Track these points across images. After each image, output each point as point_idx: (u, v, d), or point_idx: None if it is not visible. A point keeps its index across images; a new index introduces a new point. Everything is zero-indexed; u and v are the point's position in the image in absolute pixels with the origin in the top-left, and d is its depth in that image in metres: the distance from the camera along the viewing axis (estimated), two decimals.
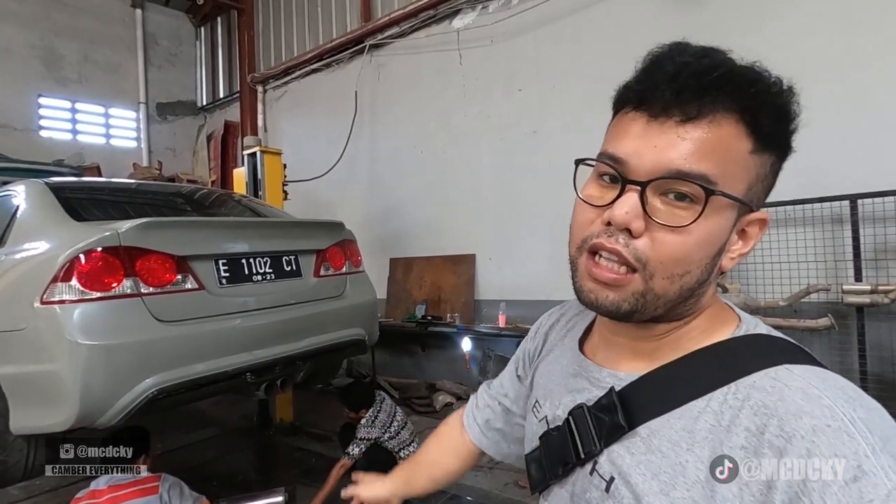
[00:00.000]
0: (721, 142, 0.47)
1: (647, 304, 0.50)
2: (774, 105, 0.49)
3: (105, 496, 2.08)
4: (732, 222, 0.50)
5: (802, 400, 0.43)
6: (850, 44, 3.08)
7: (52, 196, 2.42)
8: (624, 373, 0.56)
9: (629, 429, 0.52)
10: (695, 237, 0.48)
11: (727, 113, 0.47)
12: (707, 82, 0.47)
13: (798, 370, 0.46)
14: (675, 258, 0.49)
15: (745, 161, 0.48)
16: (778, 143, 0.50)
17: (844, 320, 2.92)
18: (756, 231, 0.53)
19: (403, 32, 5.29)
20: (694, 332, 0.54)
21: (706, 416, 0.47)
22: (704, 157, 0.47)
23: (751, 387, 0.46)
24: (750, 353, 0.50)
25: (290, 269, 2.70)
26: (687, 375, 0.51)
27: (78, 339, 1.90)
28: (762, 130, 0.48)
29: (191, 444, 3.95)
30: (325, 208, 5.76)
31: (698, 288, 0.51)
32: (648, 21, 3.76)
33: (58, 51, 6.98)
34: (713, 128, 0.47)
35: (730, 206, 0.49)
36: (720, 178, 0.47)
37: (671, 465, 0.48)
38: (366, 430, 2.91)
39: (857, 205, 2.89)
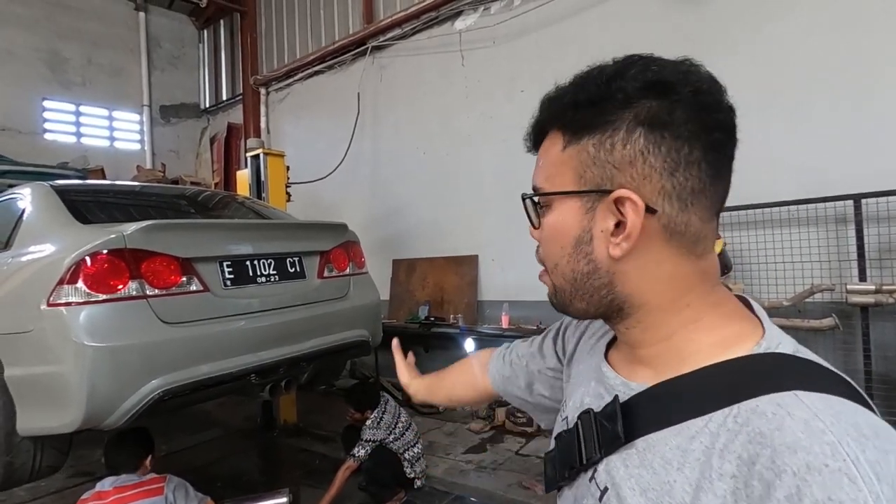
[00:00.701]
0: (544, 155, 0.58)
1: (559, 296, 0.58)
2: (575, 101, 0.54)
3: (110, 497, 2.09)
4: (580, 210, 0.53)
5: (802, 433, 0.39)
6: (852, 42, 3.07)
7: (57, 199, 2.43)
8: (636, 383, 0.55)
9: (626, 440, 0.51)
10: (546, 233, 0.57)
11: (553, 130, 0.57)
12: (542, 115, 0.59)
13: (809, 398, 0.42)
14: (545, 254, 0.59)
15: (559, 159, 0.55)
16: (585, 125, 0.53)
17: (849, 320, 2.91)
18: (630, 211, 0.50)
19: (406, 34, 5.30)
20: (699, 345, 0.51)
21: (702, 437, 0.45)
22: (538, 173, 0.59)
23: (752, 411, 0.43)
24: (762, 373, 0.47)
25: (294, 270, 2.71)
26: (692, 391, 0.49)
27: (84, 340, 1.92)
28: (568, 125, 0.55)
29: (195, 445, 3.97)
30: (328, 210, 5.77)
31: (587, 279, 0.54)
32: (651, 21, 3.76)
33: (61, 54, 7.01)
34: (544, 147, 0.59)
35: (567, 199, 0.54)
36: (546, 183, 0.57)
37: (659, 483, 0.46)
38: (371, 432, 2.91)
39: (861, 204, 2.88)
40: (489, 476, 3.15)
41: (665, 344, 0.53)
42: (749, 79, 3.33)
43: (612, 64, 0.53)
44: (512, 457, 3.40)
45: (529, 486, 2.96)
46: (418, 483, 3.02)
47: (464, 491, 3.04)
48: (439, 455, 3.46)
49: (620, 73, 0.51)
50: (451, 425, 4.02)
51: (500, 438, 3.73)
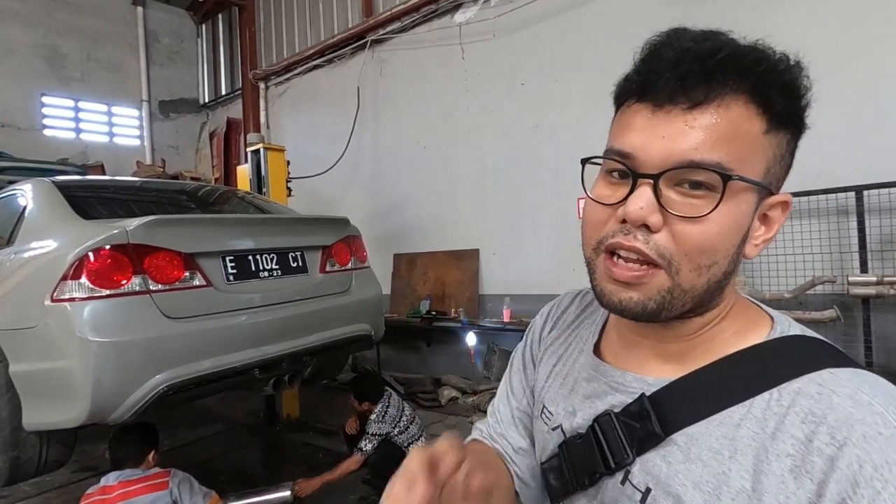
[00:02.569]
0: (732, 125, 0.45)
1: (674, 300, 0.48)
2: (783, 82, 0.46)
3: (116, 492, 2.11)
4: (754, 207, 0.48)
5: (853, 407, 0.42)
6: (856, 34, 3.06)
7: (59, 194, 2.43)
8: (653, 378, 0.53)
9: (665, 436, 0.49)
10: (717, 226, 0.46)
11: (735, 95, 0.45)
12: (711, 65, 0.45)
13: (844, 374, 0.45)
14: (701, 249, 0.46)
15: (759, 143, 0.47)
16: (791, 120, 0.48)
17: (850, 312, 2.91)
18: (779, 214, 0.51)
19: (405, 27, 5.27)
20: (726, 335, 0.52)
21: (748, 423, 0.46)
22: (717, 144, 0.45)
23: (796, 393, 0.45)
24: (790, 356, 0.48)
25: (297, 265, 2.71)
26: (724, 380, 0.49)
27: (88, 336, 1.92)
28: (774, 109, 0.46)
29: (198, 440, 3.98)
30: (328, 204, 5.77)
31: (724, 279, 0.49)
32: (651, 13, 3.74)
33: (60, 49, 6.99)
34: (722, 111, 0.45)
35: (749, 190, 0.47)
36: (735, 164, 0.45)
37: (714, 475, 0.46)
38: (377, 426, 2.93)
39: (862, 196, 2.88)
40: None
41: (701, 335, 0.52)
42: None
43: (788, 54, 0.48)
44: None
45: None
46: None
47: None
48: None
49: (799, 65, 0.47)
50: (454, 418, 4.03)
51: None
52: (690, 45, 0.46)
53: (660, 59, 0.47)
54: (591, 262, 0.53)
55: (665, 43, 0.48)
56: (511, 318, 4.28)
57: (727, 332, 0.52)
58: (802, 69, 0.48)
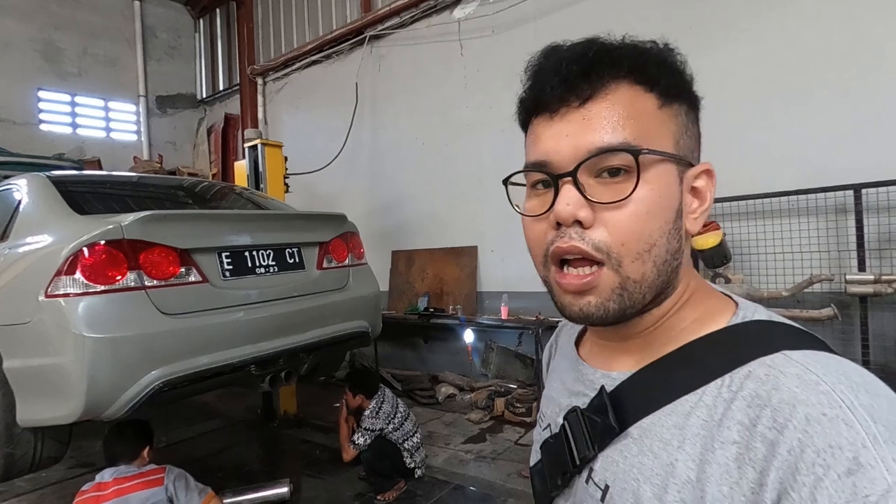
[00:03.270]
0: (627, 107, 0.47)
1: (631, 295, 0.48)
2: (658, 60, 0.49)
3: (111, 488, 2.10)
4: (677, 180, 0.49)
5: (798, 387, 0.40)
6: (853, 31, 3.05)
7: (54, 189, 2.42)
8: (616, 372, 0.53)
9: (620, 430, 0.49)
10: (644, 205, 0.46)
11: (618, 81, 0.47)
12: (587, 62, 0.47)
13: (797, 356, 0.43)
14: (635, 234, 0.46)
15: (658, 117, 0.48)
16: (679, 91, 0.50)
17: (848, 310, 2.91)
18: (706, 183, 0.51)
19: (404, 23, 5.25)
20: (685, 323, 0.51)
21: (699, 412, 0.44)
22: (619, 126, 0.46)
23: (745, 377, 0.43)
24: (746, 341, 0.47)
25: (293, 261, 2.70)
26: (679, 369, 0.48)
27: (83, 332, 1.91)
28: (659, 84, 0.48)
29: (195, 436, 3.98)
30: (326, 201, 5.75)
31: (673, 259, 0.49)
32: (653, 11, 3.72)
33: (57, 44, 6.94)
34: (613, 98, 0.47)
35: (665, 162, 0.47)
36: (642, 140, 0.46)
37: (662, 466, 0.45)
38: (370, 421, 2.93)
39: (861, 194, 2.88)
40: (488, 466, 3.16)
41: (661, 324, 0.52)
42: (750, 68, 3.31)
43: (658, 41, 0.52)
44: (511, 446, 3.42)
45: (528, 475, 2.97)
46: (418, 473, 3.04)
47: (463, 480, 3.06)
48: (439, 445, 3.47)
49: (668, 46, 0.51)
50: (451, 415, 4.04)
51: (500, 428, 3.74)
52: (565, 54, 0.49)
53: (542, 72, 0.50)
54: (546, 281, 0.53)
55: (542, 60, 0.51)
56: (509, 315, 4.28)
57: (686, 320, 0.51)
58: (673, 49, 0.51)
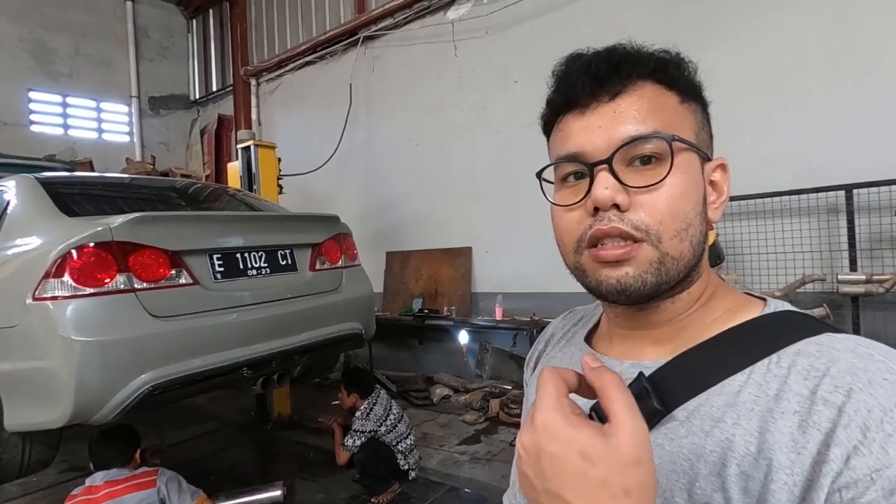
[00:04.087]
0: (653, 101, 0.51)
1: (668, 270, 0.49)
2: (675, 62, 0.53)
3: (102, 492, 2.09)
4: (700, 170, 0.52)
5: (854, 358, 0.43)
6: (847, 33, 3.07)
7: (42, 191, 2.39)
8: (649, 361, 0.53)
9: (667, 412, 0.49)
10: (678, 188, 0.49)
11: (643, 80, 0.51)
12: (614, 62, 0.51)
13: (841, 336, 0.46)
14: (672, 214, 0.49)
15: (680, 111, 0.52)
16: (695, 93, 0.54)
17: (840, 310, 2.93)
18: (722, 177, 0.55)
19: (398, 24, 5.24)
20: (717, 313, 0.53)
21: (749, 388, 0.46)
22: (648, 117, 0.50)
23: (796, 354, 0.46)
24: (787, 326, 0.49)
25: (286, 263, 2.69)
26: (722, 353, 0.49)
27: (71, 335, 1.89)
28: (678, 84, 0.52)
29: (188, 438, 3.95)
30: (320, 202, 5.74)
31: (703, 242, 0.52)
32: (647, 11, 3.73)
33: (48, 44, 6.88)
34: (640, 93, 0.51)
35: (690, 152, 0.51)
36: (671, 129, 0.50)
37: (717, 443, 0.45)
38: (360, 423, 2.93)
39: (852, 195, 2.89)
40: (483, 467, 3.16)
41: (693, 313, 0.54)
42: (744, 69, 3.32)
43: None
44: (506, 448, 3.41)
45: None
46: (412, 474, 3.03)
47: (458, 482, 3.05)
48: (433, 447, 3.46)
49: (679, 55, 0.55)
50: (445, 417, 4.02)
51: (494, 429, 3.74)
52: (590, 56, 0.53)
53: (570, 73, 0.53)
54: (577, 267, 0.53)
55: (568, 64, 0.55)
56: (504, 317, 4.28)
57: (718, 310, 0.54)
58: (684, 58, 0.55)
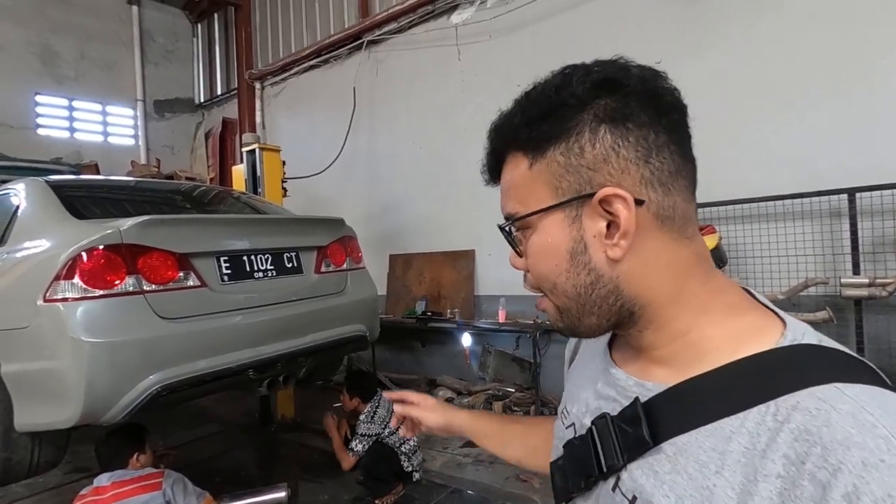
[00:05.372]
0: (508, 178, 0.56)
1: (569, 316, 0.55)
2: (526, 120, 0.53)
3: (109, 492, 2.10)
4: (566, 223, 0.52)
5: (853, 427, 0.38)
6: (846, 36, 3.08)
7: (52, 194, 2.42)
8: (652, 383, 0.52)
9: (654, 444, 0.48)
10: (532, 255, 0.56)
11: (509, 153, 0.56)
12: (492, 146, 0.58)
13: (851, 390, 0.41)
14: (537, 276, 0.56)
15: (529, 177, 0.54)
16: (546, 137, 0.52)
17: (842, 313, 2.93)
18: (620, 207, 0.49)
19: (401, 28, 5.27)
20: (715, 342, 0.50)
21: (740, 437, 0.43)
22: (508, 198, 0.57)
23: (793, 407, 0.41)
24: (795, 367, 0.45)
25: (292, 265, 2.71)
26: (720, 389, 0.47)
27: (81, 336, 1.91)
28: (529, 142, 0.53)
29: (193, 440, 3.97)
30: (324, 205, 5.76)
31: (592, 290, 0.52)
32: (647, 15, 3.75)
33: (54, 48, 6.94)
34: (505, 172, 0.57)
35: (544, 217, 0.53)
36: (521, 206, 0.55)
37: (698, 489, 0.44)
38: (365, 426, 2.93)
39: (855, 198, 2.90)
40: (486, 469, 3.17)
41: (681, 341, 0.52)
42: (743, 72, 3.34)
43: (553, 76, 0.54)
44: None
45: (526, 478, 2.98)
46: (416, 476, 3.04)
47: (461, 484, 3.06)
48: (437, 449, 3.47)
49: (565, 81, 0.52)
50: None
51: None
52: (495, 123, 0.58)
53: None
54: None
55: None
56: (506, 319, 4.29)
57: (715, 339, 0.50)
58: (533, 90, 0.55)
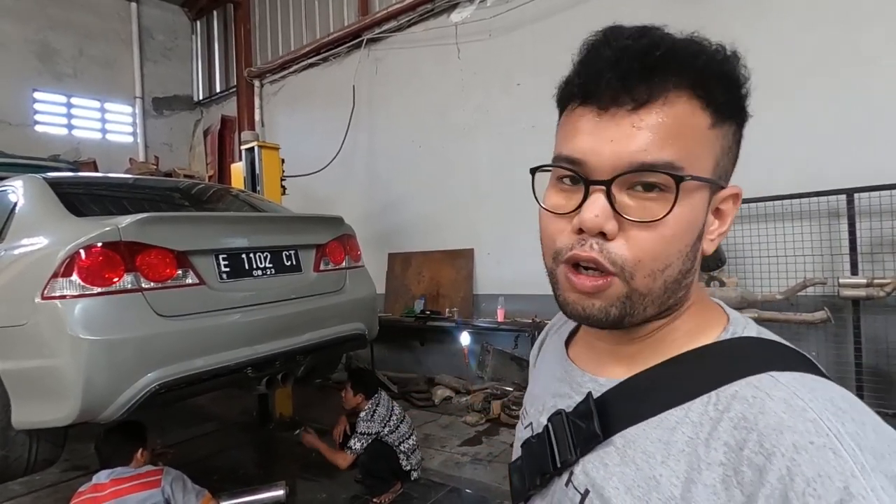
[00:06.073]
0: (679, 123, 0.44)
1: (634, 305, 0.47)
2: (723, 73, 0.46)
3: (107, 489, 2.10)
4: (706, 203, 0.48)
5: (785, 413, 0.40)
6: (847, 38, 3.08)
7: (50, 191, 2.41)
8: (604, 378, 0.53)
9: (604, 437, 0.48)
10: (671, 229, 0.45)
11: (679, 91, 0.45)
12: (651, 62, 0.44)
13: (784, 378, 0.43)
14: (653, 255, 0.46)
15: (706, 138, 0.46)
16: (734, 111, 0.48)
17: (840, 313, 2.94)
18: (731, 207, 0.50)
19: (401, 26, 5.27)
20: (677, 334, 0.51)
21: (684, 428, 0.44)
22: (666, 144, 0.44)
23: (732, 397, 0.43)
24: (735, 358, 0.47)
25: (290, 263, 2.71)
26: (667, 381, 0.48)
27: (80, 334, 1.91)
28: (717, 102, 0.46)
29: (191, 438, 3.97)
30: (323, 203, 5.75)
31: (684, 278, 0.48)
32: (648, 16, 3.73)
33: (53, 45, 6.92)
34: (668, 109, 0.44)
35: (701, 187, 0.47)
36: (686, 162, 0.44)
37: (645, 479, 0.45)
38: (365, 425, 2.93)
39: (853, 199, 2.91)
40: (485, 468, 3.17)
41: (652, 338, 0.52)
42: None
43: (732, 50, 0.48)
44: (507, 449, 3.42)
45: None
46: (415, 475, 3.04)
47: (459, 483, 3.06)
48: (435, 448, 3.48)
49: (736, 55, 0.47)
50: (447, 418, 4.04)
51: (496, 431, 3.75)
52: (628, 43, 0.45)
53: (599, 58, 0.46)
54: (552, 273, 0.51)
55: (603, 42, 0.47)
56: (505, 318, 4.29)
57: (678, 331, 0.51)
58: (739, 59, 0.48)
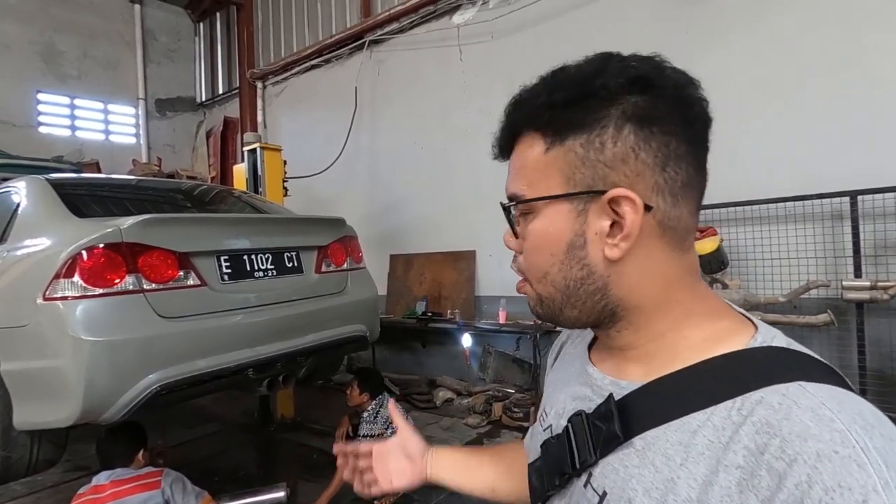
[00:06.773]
0: (522, 158, 0.55)
1: (547, 305, 0.56)
2: (552, 102, 0.51)
3: (107, 491, 2.09)
4: (573, 214, 0.51)
5: (811, 421, 0.39)
6: (849, 40, 3.07)
7: (53, 192, 2.42)
8: (626, 381, 0.54)
9: (625, 439, 0.49)
10: (531, 242, 0.55)
11: (527, 131, 0.54)
12: (510, 119, 0.56)
13: (813, 388, 0.42)
14: (528, 264, 0.56)
15: (543, 162, 0.52)
16: (570, 124, 0.50)
17: (844, 316, 2.93)
18: (628, 210, 0.49)
19: (403, 28, 5.28)
20: (693, 342, 0.51)
21: (705, 431, 0.44)
22: (517, 178, 0.55)
23: (757, 402, 0.43)
24: (762, 366, 0.47)
25: (292, 265, 2.70)
26: (691, 386, 0.48)
27: (81, 335, 1.91)
28: (549, 129, 0.52)
29: (193, 439, 3.97)
30: (325, 205, 5.76)
31: (582, 284, 0.52)
32: (650, 16, 3.75)
33: (56, 47, 6.96)
34: (518, 150, 0.56)
35: (553, 203, 0.52)
36: (529, 188, 0.53)
37: (663, 481, 0.45)
38: (368, 427, 2.93)
39: (857, 201, 2.89)
40: None
41: (657, 342, 0.53)
42: (746, 74, 3.33)
43: (587, 62, 0.52)
44: None
45: None
46: None
47: None
48: None
49: (601, 70, 0.50)
50: (449, 420, 4.03)
51: (497, 433, 3.74)
52: (509, 105, 0.57)
53: None
54: None
55: None
56: (507, 320, 4.28)
57: (693, 339, 0.51)
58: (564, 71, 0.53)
